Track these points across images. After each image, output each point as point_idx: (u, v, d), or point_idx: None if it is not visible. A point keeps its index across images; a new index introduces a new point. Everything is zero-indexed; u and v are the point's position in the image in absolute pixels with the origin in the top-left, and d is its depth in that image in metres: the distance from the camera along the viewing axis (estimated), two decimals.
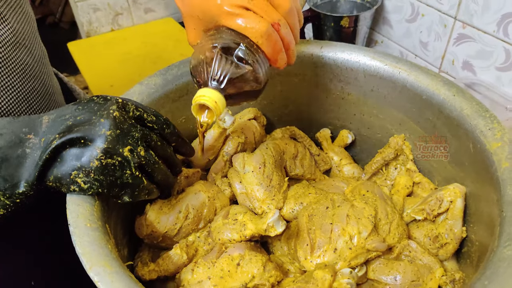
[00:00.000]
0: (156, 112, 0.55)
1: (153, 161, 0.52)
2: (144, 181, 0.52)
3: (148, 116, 0.53)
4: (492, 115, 0.60)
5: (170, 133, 0.56)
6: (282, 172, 0.73)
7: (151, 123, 0.54)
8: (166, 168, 0.56)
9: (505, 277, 0.41)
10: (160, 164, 0.54)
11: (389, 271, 0.58)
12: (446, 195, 0.61)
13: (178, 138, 0.57)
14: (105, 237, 0.48)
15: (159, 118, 0.55)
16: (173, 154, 0.57)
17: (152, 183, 0.54)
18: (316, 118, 0.85)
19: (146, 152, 0.51)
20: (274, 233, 0.58)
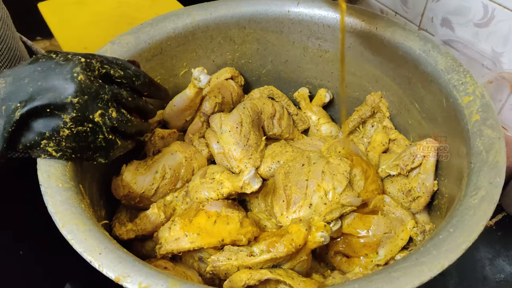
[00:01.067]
0: (124, 64, 0.51)
1: (126, 120, 0.50)
2: (118, 142, 0.50)
3: (115, 71, 0.49)
4: (465, 69, 0.60)
5: (141, 84, 0.52)
6: (260, 132, 0.73)
7: (120, 78, 0.50)
8: (139, 120, 0.54)
9: (470, 224, 0.42)
10: (133, 121, 0.51)
11: (363, 224, 0.60)
12: (419, 150, 0.63)
13: (150, 86, 0.54)
14: (78, 196, 0.48)
15: (127, 71, 0.50)
16: (145, 104, 0.54)
17: (126, 140, 0.53)
18: (294, 77, 0.84)
19: (117, 112, 0.49)
20: (250, 190, 0.59)
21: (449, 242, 0.41)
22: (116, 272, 0.39)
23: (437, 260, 0.39)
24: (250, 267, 0.53)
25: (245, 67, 0.83)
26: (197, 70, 0.67)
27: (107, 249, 0.42)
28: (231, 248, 0.54)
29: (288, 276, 0.52)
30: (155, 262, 0.55)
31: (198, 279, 0.55)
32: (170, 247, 0.55)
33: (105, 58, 0.50)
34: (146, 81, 0.53)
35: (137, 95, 0.52)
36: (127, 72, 0.50)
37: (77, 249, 0.41)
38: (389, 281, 0.38)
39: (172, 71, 0.76)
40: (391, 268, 0.40)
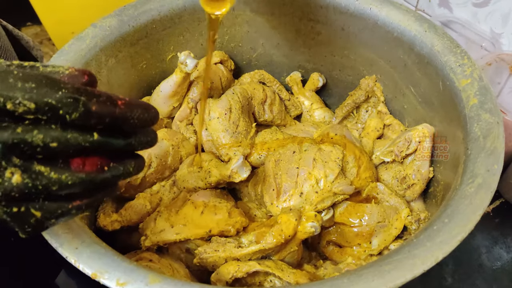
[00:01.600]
0: (38, 86, 0.29)
1: (45, 182, 0.30)
2: (34, 213, 0.31)
3: (16, 104, 0.28)
4: (463, 51, 0.57)
5: (83, 116, 0.30)
6: (250, 118, 0.70)
7: (29, 113, 0.29)
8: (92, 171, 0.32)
9: (466, 214, 0.40)
10: (62, 179, 0.31)
11: (356, 213, 0.58)
12: (415, 136, 0.60)
13: (106, 117, 0.31)
14: None
15: (44, 100, 0.29)
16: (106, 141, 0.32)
17: (67, 201, 0.33)
18: (286, 61, 0.81)
19: (25, 172, 0.29)
20: (239, 178, 0.57)
21: (444, 233, 0.39)
22: (93, 268, 0.37)
23: (430, 252, 0.37)
24: (238, 259, 0.51)
25: (235, 50, 0.80)
26: (183, 54, 0.65)
27: (84, 244, 0.40)
28: (219, 239, 0.52)
29: (278, 268, 0.50)
30: (140, 254, 0.53)
31: (185, 271, 0.53)
32: (156, 238, 0.53)
33: (2, 77, 0.29)
34: (92, 110, 0.30)
35: (78, 131, 0.31)
36: (43, 102, 0.29)
37: (52, 244, 0.39)
38: (380, 275, 0.36)
39: (159, 56, 0.73)
40: (382, 261, 0.38)
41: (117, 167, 0.34)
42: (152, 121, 0.35)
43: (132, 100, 0.33)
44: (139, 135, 0.35)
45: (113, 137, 0.33)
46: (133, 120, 0.33)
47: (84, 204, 0.34)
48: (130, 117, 0.32)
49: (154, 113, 0.35)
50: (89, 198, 0.34)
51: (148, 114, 0.34)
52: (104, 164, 0.33)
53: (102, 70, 0.64)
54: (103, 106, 0.31)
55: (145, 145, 0.36)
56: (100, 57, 0.63)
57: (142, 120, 0.33)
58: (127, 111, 0.32)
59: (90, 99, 0.30)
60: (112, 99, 0.31)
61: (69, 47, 0.61)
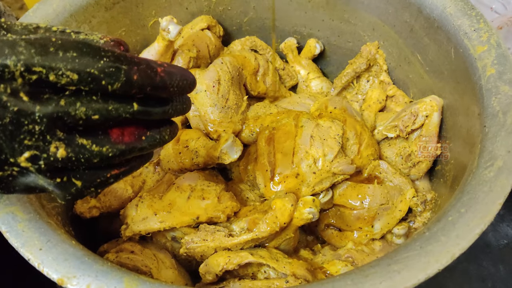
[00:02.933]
0: (80, 56, 0.28)
1: (87, 156, 0.30)
2: (76, 183, 0.31)
3: (59, 75, 0.27)
4: (479, 13, 0.51)
5: (125, 85, 0.29)
6: (241, 91, 0.64)
7: (71, 84, 0.28)
8: (131, 141, 0.32)
9: (486, 203, 0.35)
10: (103, 151, 0.30)
11: (357, 194, 0.53)
12: (422, 109, 0.55)
13: (147, 87, 0.30)
14: None
15: (86, 71, 0.28)
16: (147, 109, 0.31)
17: (105, 170, 0.32)
18: (280, 26, 0.74)
19: (69, 146, 0.29)
20: (229, 160, 0.52)
21: (460, 225, 0.34)
22: (60, 273, 0.33)
23: (446, 248, 0.33)
24: (229, 249, 0.46)
25: (223, 15, 0.73)
26: (165, 19, 0.58)
27: (50, 243, 0.35)
28: (207, 227, 0.48)
29: (272, 258, 0.45)
30: (121, 245, 0.48)
31: (171, 262, 0.48)
32: (137, 228, 0.48)
33: (42, 45, 0.27)
34: (134, 80, 0.29)
35: (118, 101, 0.30)
36: (85, 72, 0.27)
37: (13, 244, 0.34)
38: (388, 276, 0.32)
39: (139, 21, 0.66)
40: (390, 259, 0.33)
41: (153, 135, 0.33)
42: (191, 88, 0.33)
43: (171, 66, 0.31)
44: (175, 102, 0.33)
45: (152, 106, 0.31)
46: (173, 88, 0.31)
47: (121, 173, 0.33)
48: (170, 85, 0.31)
49: (192, 79, 0.33)
50: (126, 166, 0.34)
51: (187, 80, 0.32)
52: (142, 133, 0.32)
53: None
54: (144, 75, 0.29)
55: (180, 112, 0.34)
56: (71, 23, 0.56)
57: (181, 88, 0.32)
58: (167, 79, 0.31)
59: (131, 68, 0.29)
60: (152, 66, 0.30)
61: (33, 12, 0.54)
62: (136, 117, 0.31)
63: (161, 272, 0.47)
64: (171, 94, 0.32)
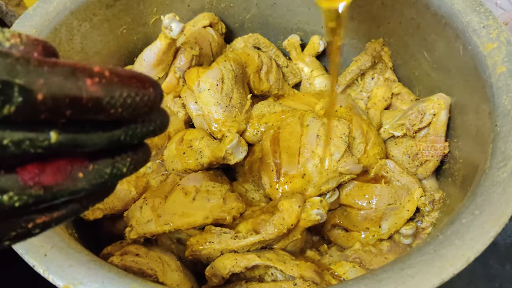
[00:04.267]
0: None
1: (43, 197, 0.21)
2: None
3: None
4: (488, 9, 0.50)
5: (21, 108, 0.18)
6: (245, 89, 0.63)
7: None
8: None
9: (500, 204, 0.34)
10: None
11: (364, 194, 0.53)
12: (429, 107, 0.54)
13: (69, 108, 0.19)
14: None
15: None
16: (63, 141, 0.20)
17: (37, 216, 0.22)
18: (283, 23, 0.73)
19: None
20: (234, 160, 0.51)
21: (475, 228, 0.33)
22: (65, 279, 0.32)
23: (460, 252, 0.32)
24: (235, 251, 0.46)
25: (226, 12, 0.71)
26: (167, 17, 0.57)
27: (55, 248, 0.34)
28: (213, 229, 0.47)
29: (280, 260, 0.45)
30: (126, 247, 0.47)
31: (176, 265, 0.48)
32: (142, 230, 0.47)
33: None
34: (38, 100, 0.19)
35: (24, 129, 0.19)
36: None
37: (18, 251, 0.34)
38: (402, 281, 0.31)
39: (140, 19, 0.65)
40: (403, 263, 0.32)
41: (100, 170, 0.22)
42: (150, 106, 0.22)
43: (116, 74, 0.21)
44: (133, 124, 0.23)
45: (86, 132, 0.21)
46: (114, 108, 0.20)
47: (55, 220, 0.23)
48: (109, 105, 0.20)
49: (152, 92, 0.22)
50: (62, 210, 0.23)
51: (142, 96, 0.21)
52: (78, 167, 0.21)
53: (75, 36, 0.56)
54: (58, 92, 0.19)
55: (144, 137, 0.23)
56: (71, 21, 0.55)
57: (132, 107, 0.21)
58: (103, 95, 0.20)
59: (33, 82, 0.18)
60: (76, 76, 0.19)
61: (34, 10, 0.53)
62: (58, 151, 0.20)
63: (166, 275, 0.46)
64: (115, 118, 0.21)
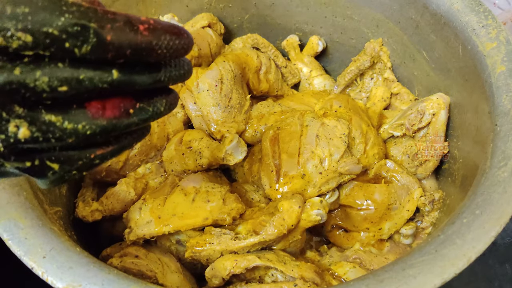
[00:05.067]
0: (34, 14, 0.22)
1: (57, 134, 0.24)
2: (50, 165, 0.26)
3: (10, 38, 0.22)
4: (487, 9, 0.50)
5: (97, 48, 0.23)
6: (244, 89, 0.63)
7: (27, 48, 0.22)
8: (113, 117, 0.26)
9: (500, 204, 0.34)
10: (77, 128, 0.25)
11: (364, 194, 0.53)
12: (428, 107, 0.54)
13: (129, 48, 0.24)
14: (19, 181, 0.39)
15: (42, 31, 0.22)
16: (130, 78, 0.26)
17: (83, 151, 0.27)
18: (282, 23, 0.73)
19: (32, 124, 0.24)
20: (234, 161, 0.51)
21: (476, 227, 0.33)
22: (65, 281, 0.32)
23: (462, 252, 0.32)
24: (235, 252, 0.45)
25: (224, 12, 0.71)
26: (166, 17, 0.57)
27: (54, 250, 0.34)
28: (213, 230, 0.47)
29: (280, 261, 0.45)
30: (125, 249, 0.47)
31: (176, 266, 0.47)
32: (141, 232, 0.47)
33: None
34: (107, 41, 0.23)
35: (93, 68, 0.24)
36: (41, 33, 0.22)
37: (16, 252, 0.33)
38: (404, 281, 0.31)
39: None
40: (405, 263, 0.32)
41: (144, 108, 0.27)
42: (186, 50, 0.27)
43: (158, 23, 0.25)
44: (170, 67, 0.27)
45: (137, 72, 0.25)
46: (161, 50, 0.25)
47: (109, 153, 0.28)
48: (157, 46, 0.25)
49: (187, 38, 0.26)
50: (114, 145, 0.28)
51: (180, 40, 0.26)
52: (129, 106, 0.26)
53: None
54: (121, 34, 0.23)
55: (177, 80, 0.28)
56: None
57: (173, 49, 0.26)
58: (152, 39, 0.24)
59: (103, 26, 0.23)
60: (132, 23, 0.24)
61: None
62: (118, 87, 0.25)
63: (166, 276, 0.46)
64: (160, 58, 0.26)
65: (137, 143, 0.31)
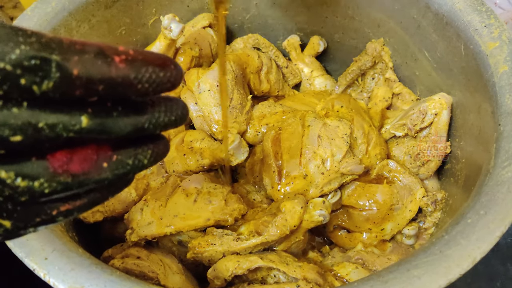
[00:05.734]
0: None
1: (6, 195, 0.21)
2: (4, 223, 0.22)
3: None
4: (489, 9, 0.50)
5: (59, 83, 0.19)
6: (245, 90, 0.63)
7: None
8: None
9: (505, 204, 0.34)
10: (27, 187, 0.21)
11: (366, 195, 0.52)
12: (431, 107, 0.54)
13: (101, 83, 0.21)
14: None
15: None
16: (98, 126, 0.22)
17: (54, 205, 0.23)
18: (282, 24, 0.73)
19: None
20: (236, 161, 0.51)
21: (480, 228, 0.33)
22: (67, 283, 0.31)
23: (466, 252, 0.32)
24: (237, 253, 0.45)
25: None
26: (167, 17, 0.57)
27: (56, 252, 0.33)
28: (215, 231, 0.47)
29: (282, 262, 0.44)
30: (127, 250, 0.47)
31: (177, 267, 0.47)
32: (143, 232, 0.47)
33: None
34: (74, 75, 0.20)
35: (57, 111, 0.20)
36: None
37: (18, 254, 0.33)
38: (409, 282, 0.31)
39: (139, 20, 0.65)
40: (409, 264, 0.32)
41: (122, 161, 0.23)
42: (172, 83, 0.23)
43: (140, 53, 0.22)
44: (157, 111, 0.23)
45: (114, 118, 0.21)
46: (141, 84, 0.21)
47: (76, 208, 0.24)
48: (136, 80, 0.21)
49: (174, 70, 0.23)
50: (83, 199, 0.24)
51: (165, 72, 0.22)
52: (103, 158, 0.22)
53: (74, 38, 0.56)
54: (91, 67, 0.20)
55: (166, 126, 0.24)
56: (70, 22, 0.55)
57: (156, 83, 0.22)
58: (130, 72, 0.21)
59: (68, 58, 0.19)
60: (104, 54, 0.20)
61: (32, 11, 0.52)
62: (88, 136, 0.21)
63: (168, 277, 0.45)
64: (141, 94, 0.22)
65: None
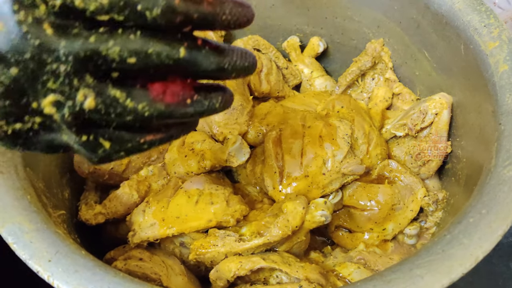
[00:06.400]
0: None
1: (118, 112, 0.25)
2: (104, 144, 0.27)
3: (88, 2, 0.23)
4: (488, 8, 0.50)
5: (164, 14, 0.24)
6: (245, 91, 0.63)
7: (100, 12, 0.24)
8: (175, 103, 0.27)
9: (507, 203, 0.34)
10: (141, 108, 0.26)
11: (367, 195, 0.53)
12: (431, 107, 0.54)
13: (196, 12, 0.25)
14: (23, 184, 0.39)
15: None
16: (195, 55, 0.26)
17: (141, 133, 0.28)
18: (282, 25, 0.73)
19: (100, 96, 0.25)
20: (237, 163, 0.51)
21: (483, 227, 0.33)
22: (71, 285, 0.31)
23: (469, 251, 0.32)
24: (239, 254, 0.45)
25: None
26: None
27: (59, 254, 0.33)
28: (217, 232, 0.47)
29: (284, 263, 0.44)
30: (129, 252, 0.47)
31: (180, 268, 0.47)
32: (145, 234, 0.47)
33: None
34: (176, 4, 0.24)
35: (162, 42, 0.25)
36: None
37: (21, 256, 0.33)
38: (412, 282, 0.31)
39: None
40: (412, 263, 0.32)
41: (201, 101, 0.27)
42: (248, 19, 0.28)
43: None
44: (234, 56, 0.27)
45: (203, 55, 0.26)
46: (225, 15, 0.26)
47: (158, 140, 0.28)
48: (221, 12, 0.26)
49: (249, 9, 0.28)
50: (164, 133, 0.28)
51: (242, 9, 0.27)
52: (188, 95, 0.27)
53: None
54: (187, 1, 0.24)
55: (240, 71, 0.28)
56: None
57: (236, 16, 0.26)
58: (216, 4, 0.25)
59: None
60: None
61: None
62: (182, 66, 0.25)
63: (170, 279, 0.45)
64: (224, 25, 0.26)
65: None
